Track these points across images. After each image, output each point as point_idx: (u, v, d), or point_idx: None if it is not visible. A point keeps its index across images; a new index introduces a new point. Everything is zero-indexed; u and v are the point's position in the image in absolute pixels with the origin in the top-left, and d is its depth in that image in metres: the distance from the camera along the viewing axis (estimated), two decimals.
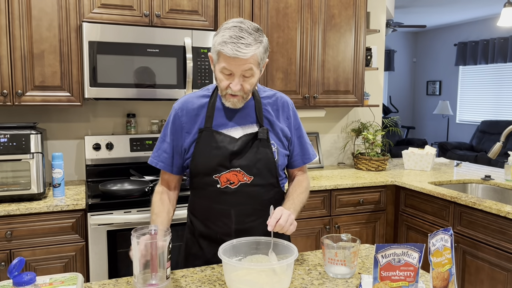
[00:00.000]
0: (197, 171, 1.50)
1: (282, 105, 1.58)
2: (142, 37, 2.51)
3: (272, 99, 1.57)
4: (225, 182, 1.48)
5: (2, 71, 2.33)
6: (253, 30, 1.37)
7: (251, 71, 1.38)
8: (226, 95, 1.44)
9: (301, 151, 1.62)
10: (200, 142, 1.49)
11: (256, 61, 1.38)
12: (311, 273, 1.38)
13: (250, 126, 1.51)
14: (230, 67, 1.37)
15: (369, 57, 3.39)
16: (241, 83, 1.40)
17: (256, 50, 1.36)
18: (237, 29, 1.35)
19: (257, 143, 1.49)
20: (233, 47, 1.33)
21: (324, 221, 2.85)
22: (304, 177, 1.64)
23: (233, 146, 1.47)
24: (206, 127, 1.49)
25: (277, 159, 1.52)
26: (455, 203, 2.52)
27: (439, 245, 1.17)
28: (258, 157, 1.49)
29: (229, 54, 1.34)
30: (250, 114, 1.52)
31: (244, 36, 1.34)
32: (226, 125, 1.50)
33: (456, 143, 7.61)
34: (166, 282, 1.19)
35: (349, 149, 3.66)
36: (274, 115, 1.55)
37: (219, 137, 1.48)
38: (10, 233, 2.17)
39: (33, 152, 2.29)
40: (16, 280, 0.85)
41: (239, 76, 1.38)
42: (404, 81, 9.33)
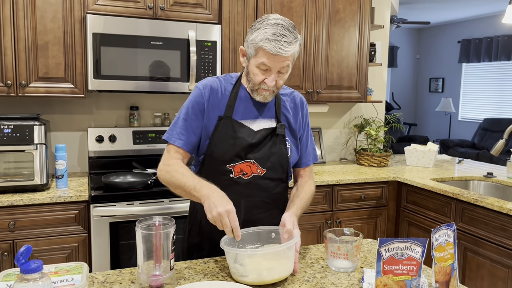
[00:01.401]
0: (212, 158, 1.49)
1: (298, 104, 1.62)
2: (146, 30, 2.51)
3: (290, 96, 1.62)
4: (238, 173, 1.48)
5: (6, 62, 2.33)
6: (292, 28, 1.40)
7: (287, 68, 1.42)
8: (259, 89, 1.46)
9: (308, 151, 1.65)
10: (218, 130, 1.48)
11: (293, 58, 1.43)
12: (313, 266, 1.39)
13: (269, 121, 1.54)
14: (270, 63, 1.39)
15: (373, 52, 3.38)
16: (276, 79, 1.43)
17: (295, 48, 1.40)
18: (279, 26, 1.37)
19: (274, 138, 1.52)
20: (277, 45, 1.35)
21: (325, 216, 2.85)
22: (312, 182, 1.65)
23: (251, 139, 1.48)
24: (226, 116, 1.48)
25: (290, 155, 1.56)
26: (457, 200, 2.52)
27: (442, 240, 1.18)
28: (273, 152, 1.51)
29: (272, 51, 1.36)
30: (270, 109, 1.55)
31: (286, 34, 1.37)
32: (246, 116, 1.51)
33: (458, 141, 7.61)
34: (170, 273, 1.20)
35: (352, 145, 3.66)
36: (291, 113, 1.59)
37: (239, 128, 1.48)
38: (13, 224, 2.18)
39: (37, 143, 2.29)
40: (24, 267, 0.86)
41: (276, 72, 1.42)
42: (407, 77, 9.31)
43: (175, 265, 1.22)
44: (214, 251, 1.51)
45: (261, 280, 1.22)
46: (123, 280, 1.25)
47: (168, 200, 2.38)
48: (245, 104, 1.52)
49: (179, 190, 1.42)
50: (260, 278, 1.22)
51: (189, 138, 1.49)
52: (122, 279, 1.26)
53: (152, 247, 1.17)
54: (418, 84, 9.38)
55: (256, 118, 1.52)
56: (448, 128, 8.61)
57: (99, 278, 1.27)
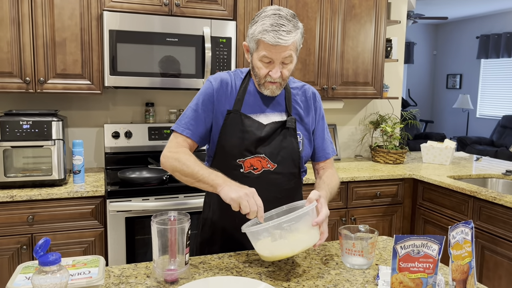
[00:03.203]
0: (222, 152, 1.49)
1: (310, 97, 1.59)
2: (162, 26, 2.52)
3: (301, 90, 1.59)
4: (248, 167, 1.47)
5: (25, 58, 2.37)
6: (291, 17, 1.38)
7: (290, 58, 1.40)
8: (265, 83, 1.44)
9: (325, 144, 1.62)
10: (227, 124, 1.47)
11: (295, 47, 1.40)
12: (328, 263, 1.38)
13: (279, 114, 1.52)
14: (271, 55, 1.38)
15: (389, 48, 3.34)
16: (280, 70, 1.41)
17: (295, 37, 1.37)
18: (276, 16, 1.36)
19: (284, 131, 1.49)
20: (275, 35, 1.34)
21: (340, 213, 2.84)
22: (335, 173, 1.61)
23: (260, 132, 1.47)
24: (235, 110, 1.47)
25: (301, 149, 1.53)
26: (475, 198, 2.48)
27: (459, 238, 1.16)
28: (283, 146, 1.49)
29: (271, 42, 1.34)
30: (280, 102, 1.53)
31: (284, 23, 1.35)
32: (255, 110, 1.50)
33: (475, 138, 7.48)
34: (184, 268, 1.21)
35: (367, 142, 3.63)
36: (302, 106, 1.56)
37: (248, 122, 1.47)
38: (32, 218, 2.22)
39: (55, 139, 2.33)
40: (42, 259, 0.87)
41: (279, 63, 1.40)
42: (423, 74, 9.18)
43: (190, 260, 1.22)
44: (225, 246, 1.52)
45: (293, 251, 1.23)
46: (138, 274, 1.26)
47: (183, 196, 2.40)
48: (254, 98, 1.51)
49: (189, 178, 1.38)
50: (292, 249, 1.23)
51: (198, 128, 1.47)
52: (138, 273, 1.27)
53: (167, 242, 1.18)
54: (435, 81, 9.24)
55: (265, 112, 1.51)
56: (465, 125, 8.47)
57: (115, 271, 1.28)
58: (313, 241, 1.26)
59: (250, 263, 1.36)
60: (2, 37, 2.32)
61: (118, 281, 1.22)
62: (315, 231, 1.26)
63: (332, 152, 1.63)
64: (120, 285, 1.20)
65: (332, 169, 1.62)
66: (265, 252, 1.25)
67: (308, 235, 1.25)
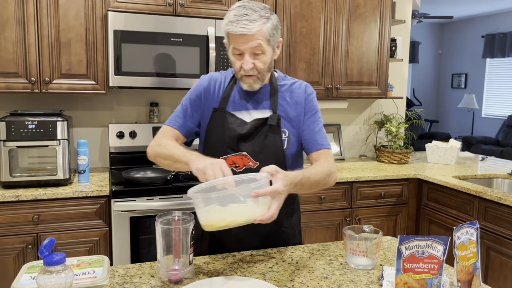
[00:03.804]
0: (208, 150, 1.50)
1: (300, 93, 1.54)
2: (166, 26, 2.52)
3: (292, 86, 1.55)
4: (230, 165, 1.46)
5: (30, 59, 2.39)
6: (259, 8, 1.37)
7: (260, 48, 1.37)
8: (242, 77, 1.43)
9: (315, 136, 1.51)
10: (212, 122, 1.50)
11: (264, 37, 1.37)
12: (332, 263, 1.38)
13: (263, 112, 1.49)
14: (238, 45, 1.37)
15: (394, 48, 3.33)
16: (253, 62, 1.39)
17: (262, 26, 1.35)
18: (241, 7, 1.36)
19: (266, 129, 1.46)
20: (238, 25, 1.33)
21: (344, 213, 2.83)
22: (325, 162, 1.46)
23: (241, 129, 1.46)
24: (221, 108, 1.49)
25: (286, 147, 1.48)
26: (480, 198, 2.47)
27: (465, 239, 1.16)
28: (266, 144, 1.46)
29: (235, 31, 1.34)
30: (265, 99, 1.50)
31: (248, 13, 1.34)
32: (239, 108, 1.50)
33: (481, 138, 7.44)
34: (189, 268, 1.21)
35: (371, 142, 3.62)
36: (290, 102, 1.52)
37: (230, 119, 1.47)
38: (37, 217, 2.23)
39: (60, 138, 2.34)
40: (47, 259, 0.88)
41: (250, 54, 1.38)
42: (428, 73, 9.14)
43: (194, 259, 1.22)
44: (213, 243, 1.53)
45: (223, 219, 1.12)
46: (143, 274, 1.27)
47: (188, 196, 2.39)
48: (240, 96, 1.51)
49: (168, 160, 1.39)
50: (223, 217, 1.12)
51: (186, 122, 1.51)
52: (142, 273, 1.28)
53: (171, 242, 1.19)
54: (440, 80, 9.20)
55: (249, 109, 1.49)
56: (471, 125, 8.43)
57: (120, 271, 1.29)
58: (251, 214, 1.14)
59: (254, 263, 1.36)
60: (7, 37, 2.33)
61: (123, 280, 1.22)
62: (258, 205, 1.15)
63: (326, 145, 1.51)
64: (125, 285, 1.20)
65: (326, 160, 1.47)
66: (201, 219, 1.15)
67: (247, 207, 1.14)
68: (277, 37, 1.43)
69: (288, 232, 1.59)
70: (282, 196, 1.18)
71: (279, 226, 1.54)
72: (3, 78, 2.36)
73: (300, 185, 1.28)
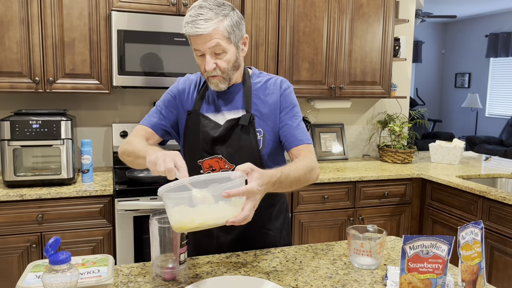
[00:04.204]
0: (186, 153, 1.48)
1: (275, 88, 1.48)
2: (169, 26, 2.53)
3: (267, 83, 1.48)
4: (207, 168, 1.44)
5: (34, 58, 2.39)
6: (215, 6, 1.31)
7: (220, 47, 1.32)
8: (208, 78, 1.39)
9: (293, 131, 1.45)
10: (188, 125, 1.47)
11: (223, 36, 1.31)
12: (336, 263, 1.38)
13: (236, 112, 1.44)
14: (197, 46, 1.33)
15: (397, 47, 3.33)
16: (215, 62, 1.34)
17: (218, 24, 1.30)
18: (196, 7, 1.31)
19: (240, 130, 1.42)
20: (193, 25, 1.29)
21: (348, 212, 2.83)
22: (305, 158, 1.40)
23: (214, 132, 1.42)
24: (195, 110, 1.46)
25: (261, 147, 1.44)
26: (484, 198, 2.46)
27: (469, 238, 1.15)
28: (241, 145, 1.42)
29: (191, 33, 1.31)
30: (237, 99, 1.46)
31: (203, 12, 1.29)
32: (213, 109, 1.46)
33: (484, 137, 7.42)
34: (182, 266, 1.21)
35: (375, 141, 3.62)
36: (264, 100, 1.46)
37: (204, 121, 1.44)
38: (41, 216, 2.24)
39: (64, 138, 2.34)
40: (52, 258, 0.88)
41: (210, 54, 1.33)
42: (431, 73, 9.12)
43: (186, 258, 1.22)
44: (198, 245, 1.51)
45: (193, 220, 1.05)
46: (147, 273, 1.27)
47: None
48: (213, 97, 1.47)
49: (131, 156, 1.35)
50: (192, 218, 1.05)
51: (160, 121, 1.48)
52: (146, 272, 1.28)
53: (165, 240, 1.19)
54: (443, 80, 9.17)
55: (223, 110, 1.45)
56: (474, 125, 8.40)
57: (124, 270, 1.29)
58: (223, 216, 1.06)
59: (258, 262, 1.36)
60: (11, 37, 2.34)
61: (127, 280, 1.23)
62: (230, 206, 1.07)
63: (305, 140, 1.44)
64: (129, 284, 1.20)
65: (306, 156, 1.40)
66: (171, 221, 1.08)
67: (218, 208, 1.06)
68: (240, 34, 1.38)
69: (273, 234, 1.55)
70: (257, 196, 1.11)
71: (261, 228, 1.51)
72: (7, 78, 2.37)
73: (279, 184, 1.21)
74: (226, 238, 1.49)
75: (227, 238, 1.49)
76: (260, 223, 1.49)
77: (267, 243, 1.53)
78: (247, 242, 1.50)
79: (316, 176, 1.40)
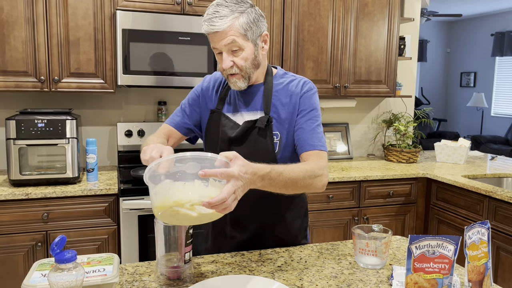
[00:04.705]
0: (208, 151, 1.48)
1: (296, 90, 1.43)
2: (174, 25, 2.53)
3: (289, 85, 1.44)
4: None
5: (39, 58, 2.40)
6: (233, 3, 1.30)
7: (235, 44, 1.30)
8: (228, 77, 1.37)
9: (307, 135, 1.39)
10: (209, 123, 1.48)
11: (239, 32, 1.30)
12: (341, 262, 1.37)
13: (255, 113, 1.42)
14: (215, 44, 1.32)
15: (403, 46, 3.31)
16: (232, 60, 1.33)
17: (233, 21, 1.28)
18: (214, 5, 1.31)
19: (258, 132, 1.40)
20: (209, 23, 1.29)
21: (352, 212, 2.82)
22: (312, 161, 1.34)
23: (232, 132, 1.41)
24: (217, 109, 1.47)
25: (277, 151, 1.40)
26: (490, 197, 2.44)
27: (476, 238, 1.14)
28: (257, 147, 1.39)
29: (207, 30, 1.30)
30: (257, 100, 1.43)
31: (219, 9, 1.29)
32: (234, 109, 1.45)
33: (490, 137, 7.38)
34: (187, 265, 1.21)
35: (380, 141, 3.60)
36: (284, 102, 1.42)
37: (224, 121, 1.44)
38: (46, 215, 2.25)
39: (69, 137, 2.35)
40: (58, 257, 0.88)
41: (227, 51, 1.32)
42: (436, 72, 9.08)
43: (191, 258, 1.22)
44: (216, 241, 1.54)
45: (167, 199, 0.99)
46: (152, 272, 1.27)
47: None
48: (235, 97, 1.46)
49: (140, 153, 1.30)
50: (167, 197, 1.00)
51: (183, 119, 1.51)
52: (151, 271, 1.28)
53: (170, 239, 1.19)
54: (449, 79, 9.13)
55: (242, 111, 1.44)
56: (480, 124, 8.36)
57: (129, 269, 1.29)
58: (199, 195, 0.99)
59: (263, 262, 1.36)
60: (17, 36, 2.35)
61: (132, 278, 1.23)
62: (208, 187, 1.02)
63: (318, 145, 1.37)
64: (134, 282, 1.20)
65: (313, 161, 1.34)
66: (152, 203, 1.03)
67: (194, 186, 1.01)
68: (258, 31, 1.34)
69: (288, 239, 1.52)
70: (238, 183, 1.03)
71: (276, 232, 1.50)
72: (13, 77, 2.38)
73: (269, 179, 1.15)
74: (240, 238, 1.49)
75: (241, 238, 1.49)
76: (274, 226, 1.50)
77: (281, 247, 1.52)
78: (261, 243, 1.50)
79: (322, 185, 1.32)
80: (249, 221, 1.48)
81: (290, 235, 1.53)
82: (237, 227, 1.49)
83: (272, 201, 1.45)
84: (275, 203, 1.47)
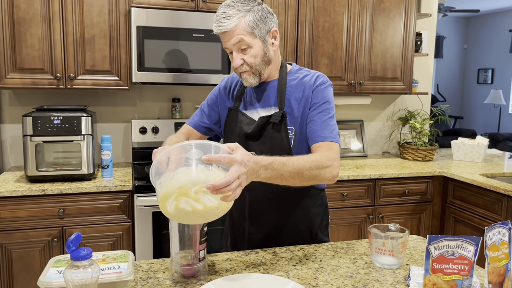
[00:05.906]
0: None
1: (309, 85, 1.42)
2: (188, 22, 2.52)
3: (303, 80, 1.44)
4: None
5: (55, 55, 2.42)
6: (239, 2, 1.33)
7: (244, 42, 1.33)
8: (240, 75, 1.41)
9: (318, 127, 1.38)
10: (227, 121, 1.52)
11: (245, 31, 1.32)
12: (357, 262, 1.36)
13: (269, 109, 1.44)
14: (225, 44, 1.37)
15: (419, 42, 3.26)
16: (242, 58, 1.36)
17: (239, 20, 1.31)
18: (222, 7, 1.35)
19: (273, 127, 1.41)
20: (217, 24, 1.33)
21: (367, 210, 2.79)
22: (321, 152, 1.32)
23: (248, 128, 1.44)
24: (235, 106, 1.50)
25: (293, 145, 1.41)
26: (509, 197, 2.39)
27: (496, 239, 1.12)
28: (273, 143, 1.42)
29: (216, 32, 1.35)
30: (272, 96, 1.45)
31: (226, 10, 1.33)
32: (251, 106, 1.48)
33: (508, 135, 7.23)
34: (202, 263, 1.20)
35: (395, 138, 3.56)
36: (298, 97, 1.42)
37: (241, 118, 1.48)
38: (62, 211, 2.27)
39: (84, 134, 2.37)
40: (74, 254, 0.88)
41: (236, 50, 1.35)
42: (453, 68, 8.93)
43: (205, 255, 1.22)
44: (236, 238, 1.56)
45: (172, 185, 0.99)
46: (166, 269, 1.27)
47: None
48: (250, 94, 1.49)
49: None
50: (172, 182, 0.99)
51: (201, 119, 1.56)
52: (166, 268, 1.28)
53: (185, 236, 1.18)
54: (465, 76, 8.98)
55: (258, 107, 1.47)
56: (497, 122, 8.21)
57: (144, 266, 1.29)
58: (204, 179, 0.98)
59: (277, 260, 1.35)
60: (33, 34, 2.37)
61: (147, 276, 1.23)
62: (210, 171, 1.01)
63: (329, 137, 1.36)
64: (148, 280, 1.20)
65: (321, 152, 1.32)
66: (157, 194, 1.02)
67: (197, 170, 1.00)
68: (266, 28, 1.35)
69: (306, 237, 1.52)
70: (242, 168, 1.02)
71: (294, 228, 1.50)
72: (29, 74, 2.40)
73: (272, 169, 1.13)
74: (258, 235, 1.50)
75: (259, 235, 1.50)
76: (293, 223, 1.50)
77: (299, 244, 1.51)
78: (279, 240, 1.50)
79: (332, 176, 1.29)
80: (268, 217, 1.49)
81: (309, 232, 1.53)
82: (255, 222, 1.50)
83: (291, 197, 1.47)
84: (293, 199, 1.48)
